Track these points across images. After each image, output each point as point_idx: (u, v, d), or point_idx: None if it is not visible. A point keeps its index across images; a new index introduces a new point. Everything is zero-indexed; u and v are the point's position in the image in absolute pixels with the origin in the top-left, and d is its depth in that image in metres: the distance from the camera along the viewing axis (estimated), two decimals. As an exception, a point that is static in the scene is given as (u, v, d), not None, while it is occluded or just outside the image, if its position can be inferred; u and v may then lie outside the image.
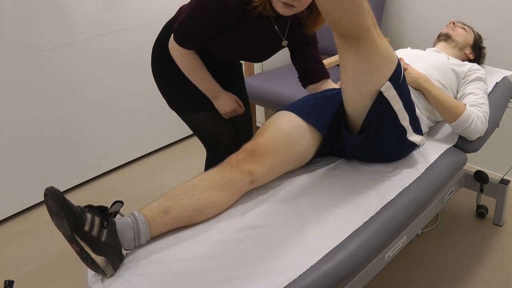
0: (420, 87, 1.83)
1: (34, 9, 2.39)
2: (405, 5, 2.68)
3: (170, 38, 1.73)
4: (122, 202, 1.41)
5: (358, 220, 1.46)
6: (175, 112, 1.97)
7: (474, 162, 2.62)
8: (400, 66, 1.52)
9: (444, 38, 2.18)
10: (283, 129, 1.61)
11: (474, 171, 2.19)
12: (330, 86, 1.86)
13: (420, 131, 1.70)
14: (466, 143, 1.86)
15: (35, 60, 2.45)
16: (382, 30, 2.77)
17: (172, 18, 1.86)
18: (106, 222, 1.30)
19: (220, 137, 1.97)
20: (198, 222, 1.46)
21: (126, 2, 2.71)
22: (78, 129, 2.70)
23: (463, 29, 2.19)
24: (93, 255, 1.26)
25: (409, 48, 2.22)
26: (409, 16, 2.69)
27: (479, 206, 2.32)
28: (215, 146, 1.99)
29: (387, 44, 1.47)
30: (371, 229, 1.44)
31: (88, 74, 2.67)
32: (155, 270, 1.30)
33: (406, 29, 2.72)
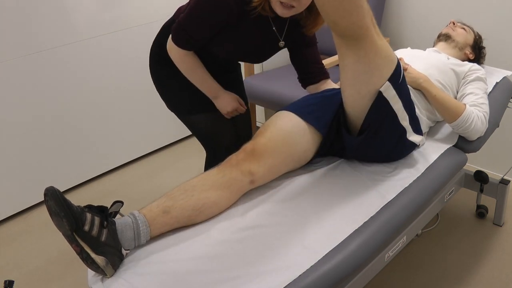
0: (420, 87, 1.83)
1: (34, 9, 2.39)
2: (405, 5, 2.68)
3: (168, 38, 1.73)
4: (122, 202, 1.41)
5: (358, 220, 1.46)
6: (174, 113, 1.97)
7: (474, 162, 2.62)
8: (399, 66, 1.52)
9: (444, 38, 2.18)
10: (283, 129, 1.61)
11: (474, 171, 2.19)
12: (330, 86, 1.86)
13: (420, 131, 1.70)
14: (466, 143, 1.86)
15: (35, 60, 2.45)
16: (382, 30, 2.79)
17: (170, 18, 1.85)
18: (106, 222, 1.30)
19: (219, 137, 1.96)
20: (198, 222, 1.46)
21: (126, 2, 2.71)
22: (78, 129, 2.70)
23: (463, 29, 2.19)
24: (93, 255, 1.26)
25: (409, 48, 2.22)
26: (409, 16, 2.69)
27: (479, 206, 2.32)
28: (215, 146, 1.99)
29: (387, 44, 1.47)
30: (371, 229, 1.44)
31: (88, 74, 2.67)
32: (155, 270, 1.30)
33: (406, 29, 2.72)
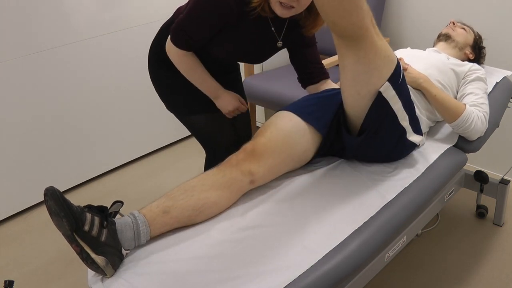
0: (420, 87, 1.83)
1: (34, 9, 2.39)
2: (405, 5, 2.68)
3: (167, 39, 1.72)
4: (122, 202, 1.41)
5: (358, 220, 1.46)
6: (173, 113, 1.96)
7: (474, 162, 2.62)
8: (399, 66, 1.52)
9: (444, 38, 2.18)
10: (283, 129, 1.61)
11: (474, 171, 2.19)
12: (330, 86, 1.86)
13: (420, 131, 1.70)
14: (466, 143, 1.86)
15: (35, 60, 2.45)
16: (382, 30, 2.79)
17: (169, 19, 1.84)
18: (106, 222, 1.30)
19: (219, 138, 1.96)
20: (198, 222, 1.46)
21: (126, 2, 2.71)
22: (78, 129, 2.70)
23: (463, 29, 2.19)
24: (93, 255, 1.26)
25: (409, 48, 2.22)
26: (409, 16, 2.69)
27: (479, 206, 2.31)
28: (214, 147, 1.99)
29: (386, 44, 1.47)
30: (371, 229, 1.44)
31: (88, 74, 2.67)
32: (155, 270, 1.30)
33: (406, 29, 2.72)
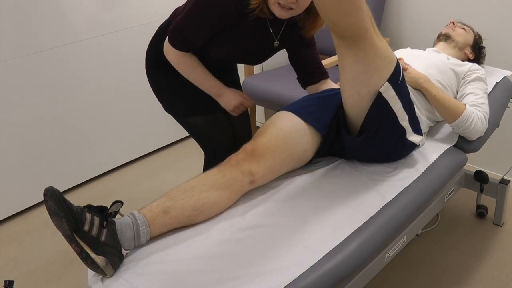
0: (420, 87, 1.83)
1: (34, 9, 2.39)
2: (405, 5, 2.68)
3: (165, 41, 1.71)
4: (122, 202, 1.41)
5: (358, 220, 1.46)
6: (172, 115, 1.95)
7: (474, 162, 2.62)
8: (399, 66, 1.52)
9: (444, 38, 2.18)
10: (283, 129, 1.61)
11: (474, 171, 2.19)
12: (330, 86, 1.85)
13: (419, 131, 1.70)
14: (466, 143, 1.86)
15: (35, 60, 2.45)
16: (382, 30, 2.79)
17: (166, 20, 1.84)
18: (105, 222, 1.30)
19: (218, 139, 1.95)
20: (198, 222, 1.46)
21: (126, 2, 2.71)
22: (78, 129, 2.70)
23: (463, 29, 2.19)
24: (93, 255, 1.26)
25: (409, 48, 2.22)
26: (409, 16, 2.69)
27: (479, 206, 2.31)
28: (213, 148, 1.98)
29: (386, 45, 1.47)
30: (371, 229, 1.44)
31: (88, 74, 2.67)
32: (155, 270, 1.30)
33: (406, 29, 2.72)
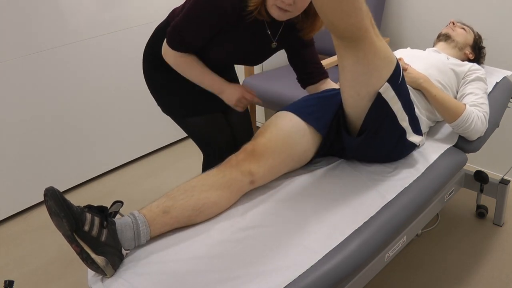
0: (420, 87, 1.83)
1: (34, 9, 2.39)
2: (405, 5, 2.68)
3: (164, 43, 1.70)
4: (122, 202, 1.41)
5: (358, 220, 1.46)
6: (170, 116, 1.94)
7: (474, 162, 2.62)
8: (399, 67, 1.52)
9: (444, 38, 2.18)
10: (283, 129, 1.61)
11: (474, 171, 2.19)
12: (330, 86, 1.86)
13: (419, 131, 1.70)
14: (466, 143, 1.86)
15: (35, 60, 2.45)
16: (382, 30, 2.79)
17: (163, 21, 1.83)
18: (106, 222, 1.30)
19: (218, 139, 1.95)
20: (198, 222, 1.46)
21: (126, 2, 2.71)
22: (78, 129, 2.70)
23: (463, 29, 2.19)
24: (93, 255, 1.26)
25: (409, 48, 2.22)
26: (409, 16, 2.69)
27: (479, 206, 2.31)
28: (212, 148, 1.97)
29: (386, 45, 1.47)
30: (371, 229, 1.44)
31: (88, 74, 2.67)
32: (155, 270, 1.30)
33: (406, 29, 2.72)
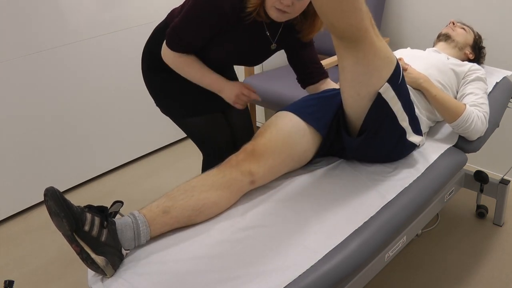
0: (420, 87, 1.83)
1: (34, 9, 2.39)
2: (405, 5, 2.68)
3: (163, 44, 1.70)
4: (122, 202, 1.41)
5: (358, 220, 1.46)
6: (169, 117, 1.94)
7: (474, 162, 2.62)
8: (399, 67, 1.52)
9: (444, 38, 2.18)
10: (283, 129, 1.61)
11: (474, 171, 2.19)
12: (330, 86, 1.85)
13: (419, 132, 1.70)
14: (466, 143, 1.86)
15: (35, 60, 2.45)
16: (382, 30, 2.79)
17: (162, 22, 1.83)
18: (106, 222, 1.30)
19: (215, 139, 1.94)
20: (198, 222, 1.46)
21: (126, 2, 2.71)
22: (78, 129, 2.70)
23: (463, 29, 2.19)
24: (93, 255, 1.26)
25: (409, 48, 2.22)
26: (409, 16, 2.69)
27: (479, 206, 2.31)
28: (212, 148, 1.97)
29: (386, 45, 1.47)
30: (371, 229, 1.44)
31: (88, 74, 2.67)
32: (155, 270, 1.30)
33: (406, 29, 2.72)
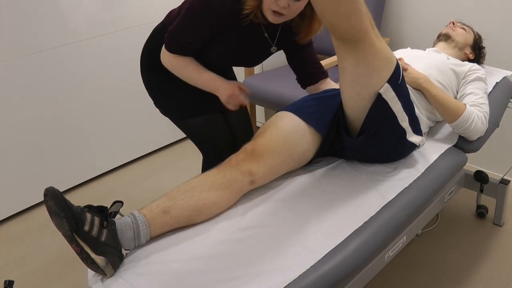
0: (420, 87, 1.83)
1: (34, 9, 2.39)
2: (405, 5, 2.68)
3: (162, 49, 1.70)
4: (122, 202, 1.41)
5: (358, 220, 1.46)
6: (168, 118, 1.93)
7: (474, 162, 2.62)
8: (399, 67, 1.52)
9: (444, 38, 2.18)
10: (283, 129, 1.61)
11: (474, 171, 2.19)
12: (330, 86, 1.85)
13: (419, 132, 1.70)
14: (466, 143, 1.86)
15: (35, 60, 2.45)
16: (382, 31, 2.79)
17: (160, 23, 1.83)
18: (106, 222, 1.30)
19: (215, 139, 1.94)
20: (198, 222, 1.46)
21: (126, 2, 2.71)
22: (78, 129, 2.70)
23: (463, 29, 2.19)
24: (93, 255, 1.26)
25: (409, 48, 2.21)
26: (409, 16, 2.69)
27: (479, 206, 2.31)
28: (212, 148, 1.97)
29: (386, 46, 1.47)
30: (371, 229, 1.44)
31: (88, 74, 2.66)
32: (155, 270, 1.30)
33: (406, 29, 2.72)
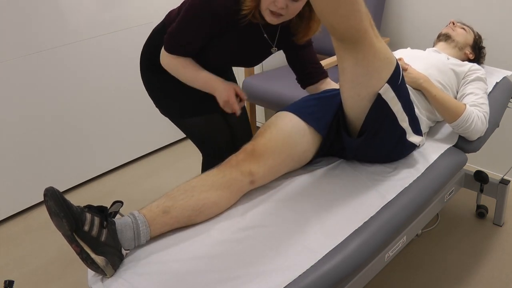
0: (420, 87, 1.83)
1: (34, 9, 2.39)
2: (405, 5, 2.68)
3: (162, 50, 1.70)
4: (122, 202, 1.41)
5: (358, 220, 1.46)
6: (168, 118, 1.93)
7: (474, 162, 2.62)
8: (398, 67, 1.52)
9: (444, 38, 2.18)
10: (283, 129, 1.61)
11: (474, 171, 2.19)
12: (330, 86, 1.85)
13: (419, 132, 1.70)
14: (466, 143, 1.86)
15: (35, 60, 2.45)
16: (382, 31, 2.79)
17: (160, 23, 1.83)
18: (105, 222, 1.30)
19: (215, 139, 1.94)
20: (198, 222, 1.46)
21: (126, 2, 2.71)
22: (78, 129, 2.70)
23: (463, 29, 2.19)
24: (93, 255, 1.26)
25: (409, 48, 2.21)
26: (409, 16, 2.69)
27: (479, 206, 2.31)
28: (211, 148, 1.97)
29: (385, 46, 1.47)
30: (371, 229, 1.44)
31: (88, 74, 2.67)
32: (155, 270, 1.30)
33: (406, 29, 2.72)
